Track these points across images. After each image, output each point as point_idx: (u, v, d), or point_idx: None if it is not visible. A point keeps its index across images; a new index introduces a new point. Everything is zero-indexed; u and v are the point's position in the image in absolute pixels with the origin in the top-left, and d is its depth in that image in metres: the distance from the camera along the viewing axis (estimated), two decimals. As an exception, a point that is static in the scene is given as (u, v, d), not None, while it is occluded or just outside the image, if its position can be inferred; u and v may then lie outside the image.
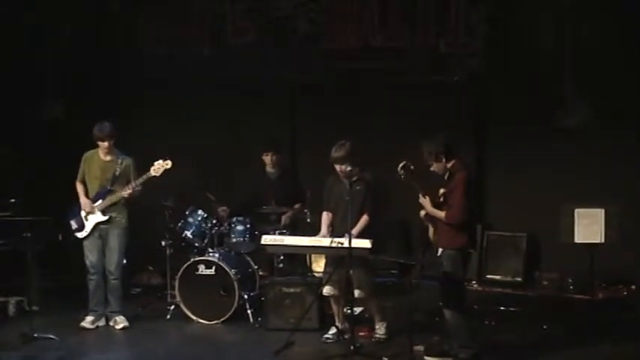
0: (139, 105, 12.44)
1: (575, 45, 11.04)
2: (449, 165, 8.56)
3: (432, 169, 8.60)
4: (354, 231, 9.06)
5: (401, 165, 8.50)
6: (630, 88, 10.80)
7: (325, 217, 9.53)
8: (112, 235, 10.07)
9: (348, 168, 9.09)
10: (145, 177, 9.95)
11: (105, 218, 10.02)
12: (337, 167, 9.22)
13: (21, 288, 10.54)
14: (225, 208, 10.81)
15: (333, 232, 9.32)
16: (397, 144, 11.15)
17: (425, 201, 8.58)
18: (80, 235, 10.10)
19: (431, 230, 8.76)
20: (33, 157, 11.96)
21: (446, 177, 8.60)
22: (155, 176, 9.93)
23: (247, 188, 11.06)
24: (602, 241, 9.85)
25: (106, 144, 9.99)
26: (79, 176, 10.17)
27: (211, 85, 12.27)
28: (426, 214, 8.66)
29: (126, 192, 9.94)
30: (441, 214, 8.49)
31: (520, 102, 11.24)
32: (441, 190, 8.57)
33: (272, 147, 10.87)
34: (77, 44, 12.50)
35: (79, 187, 10.15)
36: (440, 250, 8.65)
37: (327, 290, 9.41)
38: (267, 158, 10.86)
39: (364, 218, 9.22)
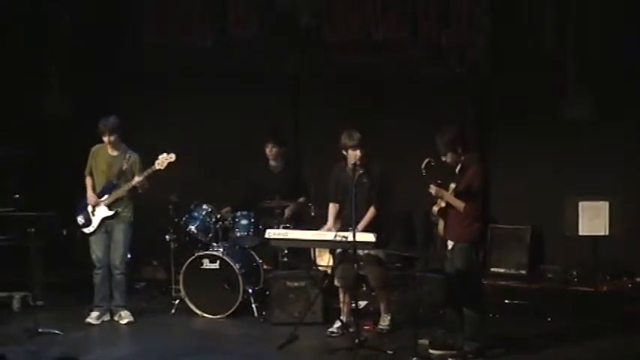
0: (140, 96, 12.40)
1: (578, 37, 11.01)
2: (462, 157, 8.56)
3: (444, 159, 8.59)
4: (361, 225, 9.07)
5: (424, 163, 8.48)
6: (632, 80, 10.77)
7: (332, 209, 9.53)
8: (117, 229, 10.08)
9: (359, 154, 9.08)
10: (149, 170, 9.96)
11: (111, 213, 10.03)
12: (351, 152, 9.19)
13: (25, 283, 10.57)
14: (228, 209, 10.81)
15: (343, 225, 9.31)
16: (399, 137, 11.18)
17: (440, 190, 8.54)
18: (87, 230, 10.11)
19: (441, 224, 8.75)
20: (36, 153, 11.92)
21: (457, 170, 8.60)
22: (160, 169, 9.94)
23: (250, 182, 11.05)
24: (607, 233, 9.83)
25: (107, 139, 9.98)
26: (87, 170, 10.20)
27: (213, 77, 12.24)
28: (440, 209, 8.63)
29: (133, 183, 9.92)
30: (460, 203, 8.48)
31: (523, 95, 11.21)
32: (452, 185, 8.56)
33: (272, 140, 10.84)
34: (78, 37, 12.47)
35: (88, 181, 10.18)
36: (451, 243, 8.66)
37: (337, 281, 9.47)
38: (268, 150, 10.84)
39: (371, 211, 9.23)
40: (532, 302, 10.22)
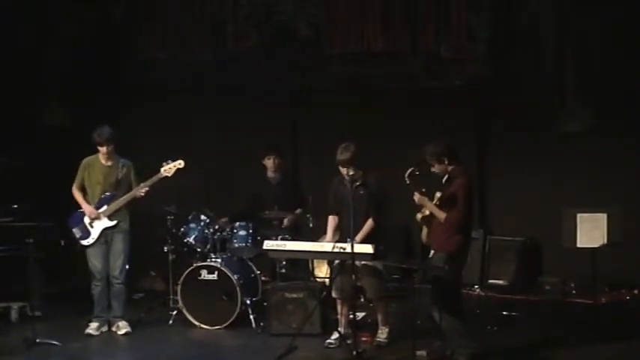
0: (140, 109, 12.44)
1: (577, 49, 11.05)
2: (449, 169, 8.61)
3: (432, 169, 8.65)
4: (358, 237, 9.07)
5: (408, 172, 8.54)
6: (631, 93, 10.80)
7: (331, 221, 9.52)
8: (116, 240, 10.05)
9: (351, 172, 9.09)
10: (154, 179, 9.94)
11: (113, 224, 9.99)
12: (340, 168, 9.21)
13: (23, 294, 10.54)
14: (225, 219, 10.81)
15: (341, 236, 9.32)
16: (398, 149, 11.18)
17: (423, 198, 8.61)
18: (86, 242, 10.03)
19: (424, 232, 8.82)
20: (35, 163, 11.93)
21: (444, 180, 8.65)
22: (167, 177, 9.94)
23: (248, 193, 11.04)
24: (605, 245, 9.83)
25: (105, 149, 9.95)
26: (78, 183, 10.09)
27: (212, 89, 12.28)
28: (423, 217, 8.70)
29: (140, 192, 9.92)
30: (442, 214, 8.52)
31: (521, 106, 11.25)
32: (437, 194, 8.62)
33: (274, 151, 10.84)
34: (78, 50, 12.51)
35: (78, 194, 10.08)
36: (432, 252, 8.73)
37: (334, 293, 9.47)
38: (270, 162, 10.82)
39: (369, 223, 9.23)
40: (530, 314, 10.22)
